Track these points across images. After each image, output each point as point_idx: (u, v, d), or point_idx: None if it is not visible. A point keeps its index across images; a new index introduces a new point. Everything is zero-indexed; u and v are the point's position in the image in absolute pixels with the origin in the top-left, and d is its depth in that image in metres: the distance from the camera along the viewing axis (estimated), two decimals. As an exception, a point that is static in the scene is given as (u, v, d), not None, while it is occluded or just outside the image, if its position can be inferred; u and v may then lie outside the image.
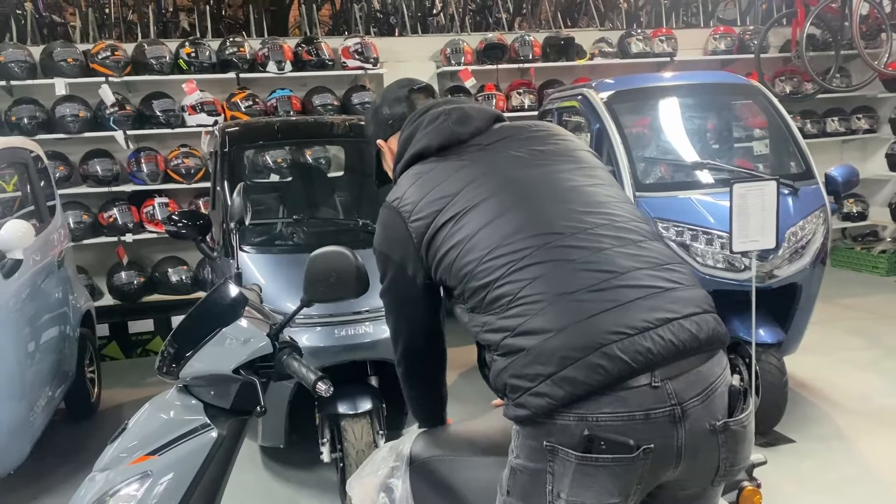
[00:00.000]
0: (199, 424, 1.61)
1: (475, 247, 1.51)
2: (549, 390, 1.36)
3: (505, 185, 1.58)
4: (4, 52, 5.70)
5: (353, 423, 3.15)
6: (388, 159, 1.88)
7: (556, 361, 1.36)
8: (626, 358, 1.35)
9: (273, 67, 6.16)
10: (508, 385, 1.43)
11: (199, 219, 3.70)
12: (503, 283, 1.45)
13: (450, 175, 1.63)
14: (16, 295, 3.53)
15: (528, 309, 1.41)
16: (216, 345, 1.62)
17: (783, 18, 7.32)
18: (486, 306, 1.48)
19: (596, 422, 1.35)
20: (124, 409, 4.89)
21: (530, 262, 1.45)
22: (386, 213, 1.69)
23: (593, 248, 1.47)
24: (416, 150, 1.71)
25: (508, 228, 1.50)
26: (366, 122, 1.94)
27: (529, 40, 6.81)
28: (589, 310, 1.39)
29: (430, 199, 1.60)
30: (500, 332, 1.44)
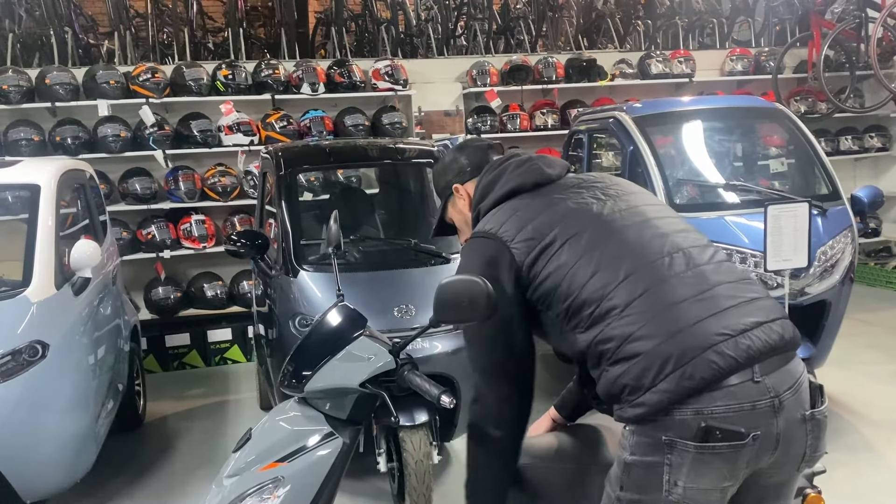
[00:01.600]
0: (325, 433, 1.77)
1: (581, 268, 1.68)
2: (668, 387, 1.54)
3: (599, 216, 1.77)
4: (50, 74, 5.90)
5: (411, 435, 3.30)
6: (460, 204, 2.03)
7: (674, 361, 1.55)
8: (734, 355, 1.55)
9: (307, 89, 6.35)
10: (627, 387, 1.59)
11: (258, 238, 3.88)
12: (612, 297, 1.63)
13: (547, 207, 1.80)
14: (84, 311, 3.70)
15: (640, 317, 1.60)
16: (342, 360, 1.78)
17: (798, 41, 7.52)
18: (595, 320, 1.64)
19: (710, 414, 1.54)
20: (169, 421, 5.05)
21: (636, 279, 1.64)
22: (482, 241, 1.81)
23: (686, 265, 1.68)
24: (510, 187, 1.86)
25: (611, 252, 1.69)
26: (439, 171, 2.10)
27: (553, 62, 7.01)
28: (695, 316, 1.60)
29: (530, 227, 1.76)
30: (614, 340, 1.61)
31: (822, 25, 7.11)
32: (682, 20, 7.98)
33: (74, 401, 3.46)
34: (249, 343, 6.08)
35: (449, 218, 2.09)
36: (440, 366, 3.57)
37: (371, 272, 3.78)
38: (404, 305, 3.56)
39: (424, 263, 3.81)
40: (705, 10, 8.27)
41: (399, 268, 3.80)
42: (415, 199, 4.83)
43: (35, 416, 3.21)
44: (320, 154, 4.58)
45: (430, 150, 4.55)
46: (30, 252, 3.46)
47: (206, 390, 5.64)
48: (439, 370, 3.56)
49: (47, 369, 3.23)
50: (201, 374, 6.06)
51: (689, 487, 1.55)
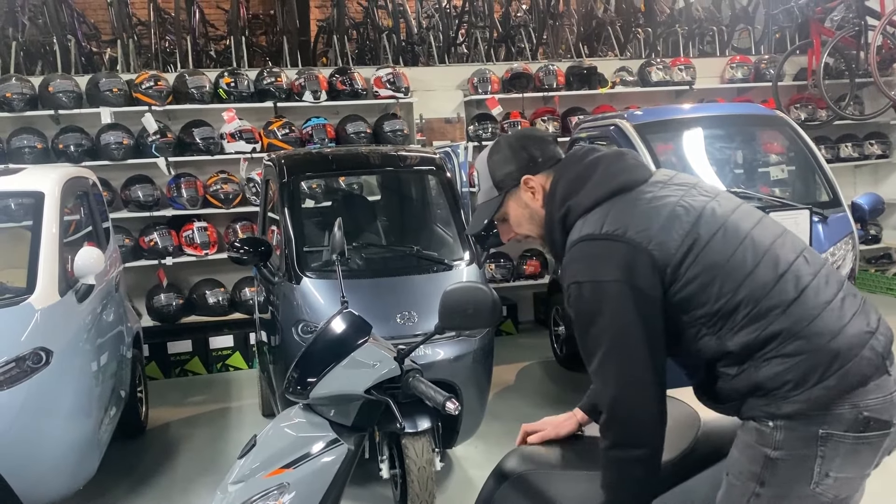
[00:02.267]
0: (330, 440, 1.78)
1: (734, 268, 1.66)
2: (835, 383, 1.60)
3: (722, 216, 1.72)
4: (53, 82, 5.93)
5: (413, 441, 3.30)
6: (526, 197, 1.86)
7: (840, 358, 1.61)
8: (881, 351, 1.66)
9: (309, 97, 6.38)
10: (789, 383, 1.61)
11: (261, 245, 3.89)
12: (772, 295, 1.64)
13: (667, 205, 1.71)
14: (87, 318, 3.71)
15: (805, 315, 1.63)
16: (347, 367, 1.79)
17: (798, 49, 7.55)
18: (753, 318, 1.64)
19: (866, 407, 1.62)
20: (171, 428, 5.06)
21: (789, 278, 1.66)
22: (606, 244, 1.67)
23: (817, 265, 1.73)
24: (617, 183, 1.75)
25: (755, 252, 1.68)
26: (499, 160, 1.89)
27: (554, 70, 7.04)
28: (845, 315, 1.66)
29: (667, 225, 1.67)
30: (778, 337, 1.63)
31: (821, 33, 7.14)
32: (683, 28, 8.02)
33: (77, 407, 3.47)
34: (251, 350, 6.09)
35: (503, 212, 1.91)
36: (443, 372, 3.59)
37: (374, 279, 3.79)
38: (407, 312, 3.57)
39: (427, 270, 3.82)
40: (705, 17, 8.31)
41: (401, 275, 3.82)
42: (417, 206, 4.85)
43: (38, 423, 3.22)
44: (323, 161, 4.60)
45: (432, 157, 4.57)
46: (34, 259, 3.48)
47: (207, 397, 5.65)
48: (442, 377, 3.57)
49: (51, 376, 3.24)
50: (203, 380, 6.07)
51: (839, 477, 1.62)
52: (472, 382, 3.72)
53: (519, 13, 8.49)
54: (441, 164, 4.44)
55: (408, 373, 1.80)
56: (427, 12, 8.46)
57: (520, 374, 5.83)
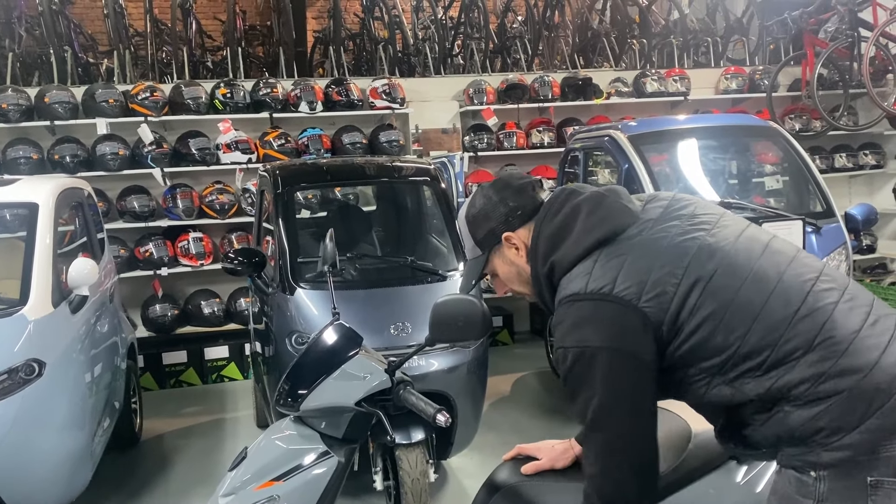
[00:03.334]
0: (321, 452, 1.78)
1: (736, 314, 1.51)
2: (880, 423, 1.43)
3: (720, 251, 1.58)
4: (49, 93, 5.94)
5: (407, 453, 3.30)
6: (510, 254, 1.76)
7: (882, 394, 1.43)
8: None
9: (305, 108, 6.40)
10: (823, 430, 1.45)
11: (255, 256, 3.89)
12: (789, 338, 1.48)
13: (657, 250, 1.58)
14: (81, 329, 3.71)
15: (832, 352, 1.46)
16: (338, 379, 1.79)
17: (792, 60, 7.59)
18: (772, 365, 1.49)
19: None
20: (165, 439, 5.04)
21: (805, 313, 1.50)
22: (594, 305, 1.54)
23: (838, 287, 1.56)
24: (599, 235, 1.61)
25: (760, 289, 1.53)
26: (478, 218, 1.77)
27: (549, 80, 7.07)
28: (879, 344, 1.48)
29: (654, 278, 1.53)
30: (806, 382, 1.46)
31: (815, 44, 7.18)
32: (677, 39, 8.06)
33: (70, 419, 3.46)
34: (246, 360, 6.08)
35: (491, 269, 1.80)
36: (437, 383, 3.59)
37: (368, 290, 3.80)
38: (401, 323, 3.57)
39: (421, 281, 3.83)
40: (700, 29, 8.36)
41: (396, 285, 3.82)
42: (412, 216, 4.86)
43: (31, 435, 3.21)
44: (317, 172, 4.61)
45: (427, 168, 4.58)
46: (27, 270, 3.48)
47: (202, 408, 5.63)
48: (436, 388, 3.57)
49: (44, 388, 3.23)
50: (198, 391, 6.05)
51: None
52: (466, 393, 3.72)
53: (514, 24, 8.52)
54: (436, 174, 4.45)
55: (398, 385, 1.80)
56: (423, 24, 8.49)
57: (515, 385, 5.83)
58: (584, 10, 8.53)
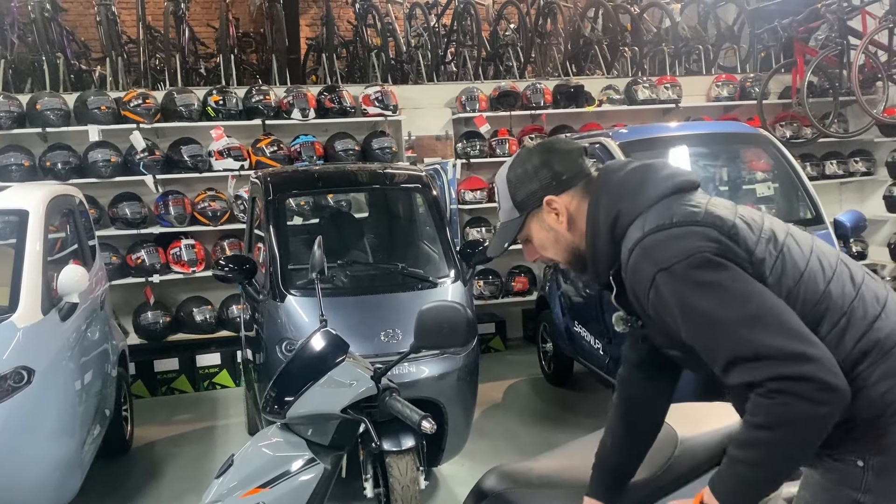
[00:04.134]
0: (307, 459, 1.78)
1: (815, 273, 1.50)
2: None
3: (787, 226, 1.61)
4: (41, 100, 5.94)
5: (397, 460, 3.29)
6: (549, 219, 1.68)
7: None
8: None
9: (297, 115, 6.41)
10: (886, 412, 1.43)
11: (246, 263, 3.89)
12: (857, 305, 1.48)
13: (733, 207, 1.59)
14: (70, 337, 3.70)
15: (893, 328, 1.47)
16: (324, 386, 1.80)
17: (782, 68, 7.64)
18: (842, 330, 1.46)
19: None
20: (156, 447, 5.02)
21: (868, 289, 1.53)
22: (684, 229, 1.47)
23: (879, 280, 1.62)
24: (681, 181, 1.59)
25: (830, 259, 1.54)
26: (520, 178, 1.70)
27: (541, 88, 7.09)
28: None
29: (739, 221, 1.51)
30: (868, 354, 1.45)
31: (805, 52, 7.22)
32: (669, 47, 8.10)
33: (60, 427, 3.44)
34: (238, 368, 6.07)
35: (525, 234, 1.73)
36: (427, 390, 3.59)
37: (358, 296, 3.80)
38: (391, 330, 3.57)
39: (412, 288, 3.83)
40: (691, 36, 8.39)
41: (386, 292, 3.83)
42: (403, 223, 4.87)
43: (20, 442, 3.20)
44: (309, 179, 4.61)
45: (419, 175, 4.59)
46: (17, 277, 3.47)
47: (194, 415, 5.61)
48: (426, 395, 3.58)
49: (33, 395, 3.22)
50: (190, 399, 6.04)
51: None
52: (457, 400, 3.72)
53: (507, 32, 8.55)
54: (428, 182, 4.46)
55: (384, 392, 1.80)
56: (416, 31, 8.52)
57: (507, 392, 5.83)
58: (576, 18, 8.57)
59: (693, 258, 1.43)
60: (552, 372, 5.83)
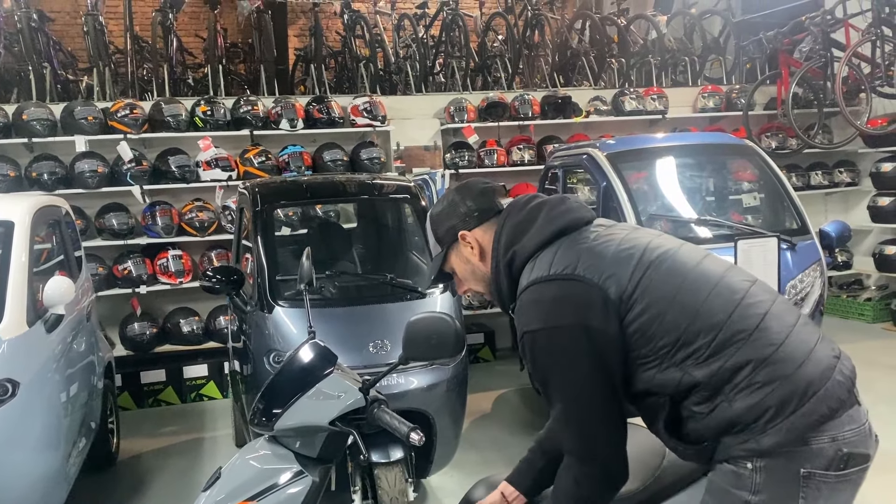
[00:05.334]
0: (295, 472, 1.77)
1: (688, 294, 1.61)
2: (814, 408, 1.52)
3: (667, 250, 1.70)
4: (27, 110, 5.91)
5: (386, 471, 3.28)
6: (465, 252, 1.85)
7: (816, 383, 1.55)
8: (848, 376, 1.60)
9: (286, 125, 6.40)
10: (769, 411, 1.53)
11: (234, 274, 3.88)
12: (736, 320, 1.58)
13: (612, 242, 1.69)
14: (56, 348, 3.66)
15: (772, 339, 1.57)
16: (312, 398, 1.79)
17: (768, 79, 7.72)
18: (719, 346, 1.57)
19: (844, 440, 1.54)
20: (143, 459, 4.98)
21: (748, 301, 1.61)
22: (558, 284, 1.64)
23: (768, 294, 1.68)
24: (559, 225, 1.73)
25: (712, 278, 1.64)
26: (439, 216, 1.89)
27: (529, 99, 7.13)
28: (811, 339, 1.62)
29: (613, 260, 1.64)
30: (750, 364, 1.55)
31: (790, 64, 7.30)
32: (655, 58, 8.16)
33: (45, 440, 3.40)
34: (226, 379, 6.03)
35: (449, 267, 1.91)
36: (416, 401, 3.58)
37: (347, 307, 3.79)
38: (379, 341, 3.56)
39: (400, 298, 3.82)
40: (677, 48, 8.47)
41: (375, 303, 3.82)
42: (392, 234, 4.86)
43: (4, 455, 3.15)
44: (297, 190, 4.60)
45: (407, 185, 4.59)
46: (1, 289, 3.43)
47: (181, 427, 5.57)
48: (415, 406, 3.57)
49: (17, 408, 3.18)
50: (177, 410, 5.99)
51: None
52: (445, 411, 3.71)
53: (495, 44, 8.60)
54: (416, 192, 4.46)
55: (372, 403, 1.80)
56: (404, 42, 8.55)
57: (496, 402, 5.82)
58: (564, 29, 8.63)
59: (552, 332, 1.62)
60: (541, 382, 5.82)
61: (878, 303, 7.49)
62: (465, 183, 1.93)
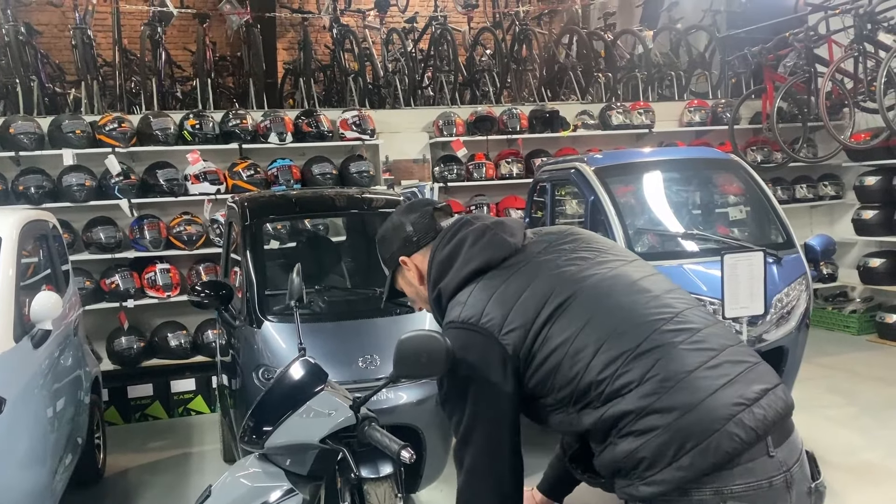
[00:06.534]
0: (286, 490, 1.77)
1: (581, 347, 1.58)
2: (691, 461, 1.46)
3: (584, 284, 1.67)
4: (14, 124, 5.88)
5: (375, 487, 3.24)
6: (409, 276, 1.89)
7: (697, 434, 1.47)
8: (752, 426, 1.48)
9: (274, 138, 6.41)
10: (644, 461, 1.50)
11: (223, 289, 3.87)
12: (624, 372, 1.54)
13: (524, 283, 1.67)
14: (43, 364, 3.64)
15: (658, 388, 1.51)
16: (303, 416, 1.79)
17: (753, 94, 7.81)
18: (608, 397, 1.55)
19: (731, 493, 1.46)
20: (129, 475, 4.94)
21: (645, 349, 1.56)
22: (464, 333, 1.66)
23: (690, 329, 1.61)
24: (474, 266, 1.73)
25: (610, 323, 1.60)
26: (383, 240, 1.92)
27: (517, 113, 7.18)
28: (711, 385, 1.52)
29: (518, 308, 1.63)
30: (631, 414, 1.52)
31: (774, 79, 7.39)
32: (642, 73, 8.24)
33: (31, 456, 3.38)
34: (213, 393, 6.00)
35: (399, 287, 1.96)
36: (406, 416, 3.58)
37: (336, 322, 3.79)
38: (369, 356, 3.56)
39: (390, 313, 3.83)
40: (664, 63, 8.55)
41: (364, 318, 3.82)
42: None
43: (-11, 473, 3.13)
44: (286, 204, 4.61)
45: (397, 199, 4.61)
46: (-11, 304, 3.41)
47: (168, 442, 5.53)
48: (405, 421, 3.57)
49: (3, 424, 3.15)
50: (164, 425, 5.95)
51: None
52: (435, 426, 3.71)
53: (483, 58, 8.66)
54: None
55: (363, 421, 1.80)
56: (393, 56, 8.59)
57: (485, 415, 5.81)
58: (551, 44, 8.71)
59: (454, 376, 1.65)
60: (530, 395, 5.83)
61: (863, 315, 7.56)
62: (410, 204, 1.94)
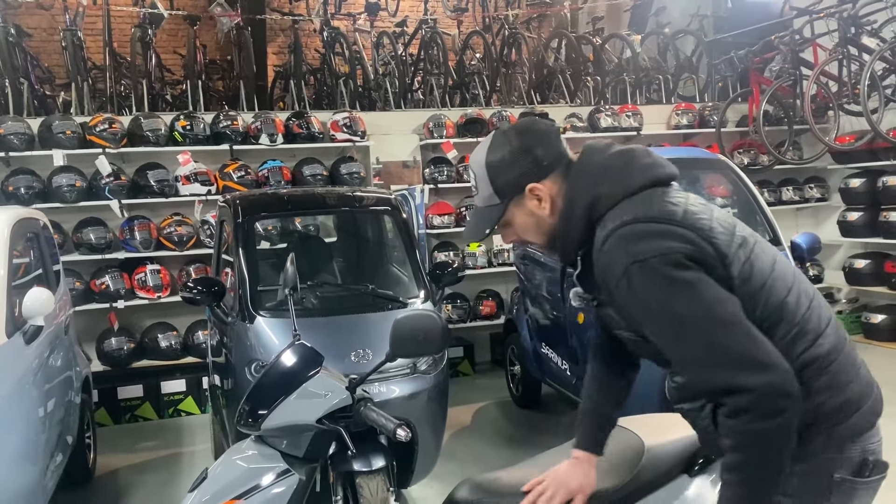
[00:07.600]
0: (281, 470, 1.79)
1: (777, 279, 1.56)
2: (857, 421, 1.56)
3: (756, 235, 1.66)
4: (4, 125, 5.88)
5: (368, 480, 3.26)
6: (531, 205, 1.66)
7: (863, 397, 1.58)
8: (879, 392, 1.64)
9: (265, 140, 6.43)
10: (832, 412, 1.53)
11: (215, 285, 3.88)
12: (809, 318, 1.55)
13: (712, 207, 1.62)
14: (34, 361, 3.64)
15: (834, 348, 1.56)
16: (300, 397, 1.81)
17: (739, 97, 7.90)
18: (794, 339, 1.52)
19: (871, 451, 1.58)
20: (119, 475, 4.93)
21: (818, 307, 1.60)
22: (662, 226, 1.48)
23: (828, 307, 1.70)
24: (655, 175, 1.60)
25: (789, 272, 1.61)
26: (498, 166, 1.64)
27: (507, 115, 7.23)
28: (857, 355, 1.64)
29: (716, 219, 1.55)
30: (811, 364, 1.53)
31: (760, 82, 7.48)
32: (630, 76, 8.31)
33: (21, 454, 3.37)
34: (204, 394, 6.00)
35: (506, 221, 1.70)
36: (397, 410, 3.55)
37: (328, 317, 3.81)
38: (361, 350, 3.59)
39: (381, 308, 3.86)
40: (652, 66, 8.64)
41: (356, 313, 3.85)
42: (372, 246, 4.90)
43: (-20, 469, 3.12)
44: (278, 202, 4.63)
45: (388, 197, 4.64)
46: (-20, 300, 3.41)
47: (158, 443, 5.52)
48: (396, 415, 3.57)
49: (-5, 419, 3.16)
50: (154, 426, 5.94)
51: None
52: (426, 420, 3.74)
53: (473, 61, 8.71)
54: (397, 204, 4.51)
55: (359, 402, 1.83)
56: (383, 59, 8.63)
57: (476, 415, 5.84)
58: (540, 48, 8.77)
59: (667, 256, 1.44)
60: (520, 394, 5.87)
61: (849, 316, 7.63)
62: (527, 125, 1.70)
